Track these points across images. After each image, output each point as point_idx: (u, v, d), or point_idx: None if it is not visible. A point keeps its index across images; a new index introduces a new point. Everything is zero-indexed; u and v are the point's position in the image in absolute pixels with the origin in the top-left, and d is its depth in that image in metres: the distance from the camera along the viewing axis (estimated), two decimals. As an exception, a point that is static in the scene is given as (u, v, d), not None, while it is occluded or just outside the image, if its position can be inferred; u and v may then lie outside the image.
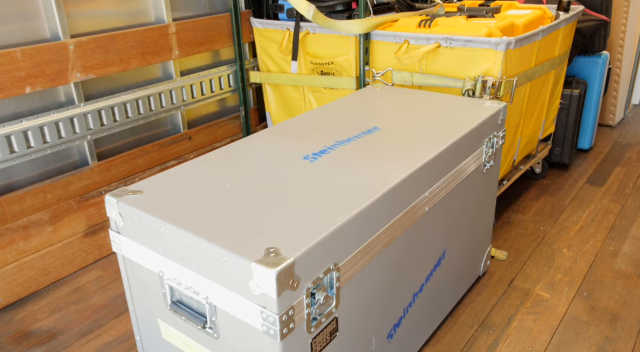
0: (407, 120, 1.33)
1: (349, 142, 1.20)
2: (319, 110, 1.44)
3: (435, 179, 1.15)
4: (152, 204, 0.95)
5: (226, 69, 2.10)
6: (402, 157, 1.11)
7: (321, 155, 1.13)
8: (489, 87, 1.51)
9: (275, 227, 0.86)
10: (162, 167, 1.92)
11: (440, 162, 1.16)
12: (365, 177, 1.03)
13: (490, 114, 1.36)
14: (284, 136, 1.25)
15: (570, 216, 1.96)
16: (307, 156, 1.13)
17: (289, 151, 1.16)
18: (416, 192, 1.09)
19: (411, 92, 1.56)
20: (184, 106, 1.96)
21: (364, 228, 0.93)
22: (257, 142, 1.22)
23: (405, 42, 1.64)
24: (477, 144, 1.33)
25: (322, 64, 1.92)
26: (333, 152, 1.15)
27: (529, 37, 1.57)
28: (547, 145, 2.20)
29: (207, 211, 0.92)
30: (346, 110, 1.43)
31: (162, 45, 1.82)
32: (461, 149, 1.25)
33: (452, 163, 1.22)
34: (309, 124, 1.32)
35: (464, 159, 1.27)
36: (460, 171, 1.26)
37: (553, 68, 1.87)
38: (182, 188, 1.01)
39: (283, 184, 1.01)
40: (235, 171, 1.07)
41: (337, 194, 0.96)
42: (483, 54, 1.52)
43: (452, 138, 1.21)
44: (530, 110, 1.85)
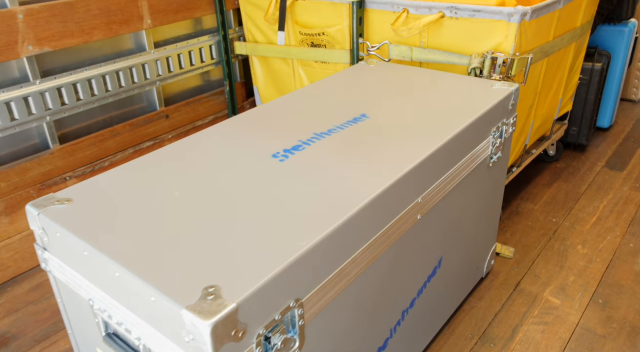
0: (401, 107, 1.14)
1: (329, 135, 1.01)
2: (299, 93, 1.24)
3: (431, 181, 0.97)
4: (78, 219, 0.78)
5: (208, 39, 1.89)
6: (390, 156, 0.93)
7: (293, 153, 0.95)
8: (499, 65, 1.30)
9: (222, 256, 0.69)
10: (135, 149, 1.75)
11: (437, 160, 0.97)
12: (343, 183, 0.85)
13: (500, 99, 1.16)
14: (253, 127, 1.07)
15: (585, 206, 1.77)
16: (277, 154, 0.95)
17: (256, 147, 0.98)
18: (406, 199, 0.91)
19: (408, 70, 1.36)
20: (159, 81, 1.77)
21: (337, 251, 0.76)
22: (220, 136, 1.04)
23: (404, 11, 1.42)
24: (482, 135, 1.13)
25: (312, 35, 1.71)
26: (308, 149, 0.96)
27: (549, 6, 1.35)
28: (562, 125, 1.99)
29: (143, 231, 0.75)
30: (331, 93, 1.23)
31: (131, 14, 1.61)
32: (463, 143, 1.06)
33: (452, 160, 1.03)
34: (286, 111, 1.13)
35: (467, 154, 1.08)
36: (461, 169, 1.07)
37: (574, 40, 1.65)
38: (119, 197, 0.83)
39: (240, 195, 0.83)
40: (185, 175, 0.89)
41: (305, 208, 0.78)
42: (493, 26, 1.30)
43: (453, 130, 1.02)
44: (546, 89, 1.64)
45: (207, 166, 0.92)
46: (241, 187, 0.84)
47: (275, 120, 1.09)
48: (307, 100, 1.19)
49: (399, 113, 1.11)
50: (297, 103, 1.18)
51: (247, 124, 1.08)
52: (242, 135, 1.03)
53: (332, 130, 1.03)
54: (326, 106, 1.15)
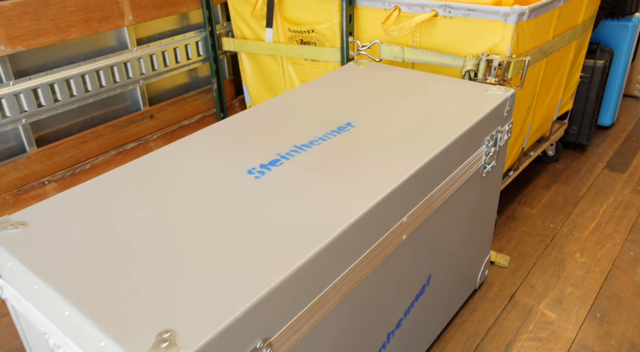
0: (388, 114, 1.07)
1: (309, 148, 0.95)
2: (282, 98, 1.17)
3: (417, 199, 0.91)
4: (31, 248, 0.72)
5: (194, 35, 1.82)
6: (373, 173, 0.86)
7: (270, 169, 0.89)
8: (495, 67, 1.23)
9: (181, 294, 0.63)
10: (118, 151, 1.69)
11: (425, 176, 0.91)
12: (319, 206, 0.78)
13: (494, 106, 1.10)
14: (231, 138, 1.00)
15: (585, 210, 1.71)
16: (253, 169, 0.89)
17: (232, 162, 0.92)
18: (389, 220, 0.84)
19: (399, 73, 1.29)
20: (143, 80, 1.70)
21: (311, 282, 0.70)
22: (194, 148, 0.97)
23: (396, 9, 1.35)
24: (475, 145, 1.07)
25: (301, 32, 1.63)
26: (286, 164, 0.90)
27: (548, 5, 1.28)
28: (562, 124, 1.93)
29: (99, 263, 0.69)
30: (316, 98, 1.17)
31: (111, 10, 1.54)
32: (454, 155, 0.99)
33: (441, 174, 0.96)
34: (266, 120, 1.07)
35: (458, 166, 1.02)
36: (451, 182, 1.01)
37: (575, 38, 1.57)
38: (77, 221, 0.77)
39: (208, 219, 0.77)
40: (152, 195, 0.83)
41: (277, 235, 0.72)
42: (489, 26, 1.23)
43: (443, 142, 0.96)
44: (544, 90, 1.57)
45: (177, 185, 0.86)
46: (210, 211, 0.78)
47: (255, 130, 1.03)
48: (289, 107, 1.13)
49: (385, 122, 1.04)
50: (279, 110, 1.11)
51: (224, 135, 1.02)
52: (217, 148, 0.97)
53: (314, 142, 0.97)
54: (309, 114, 1.09)
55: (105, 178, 0.88)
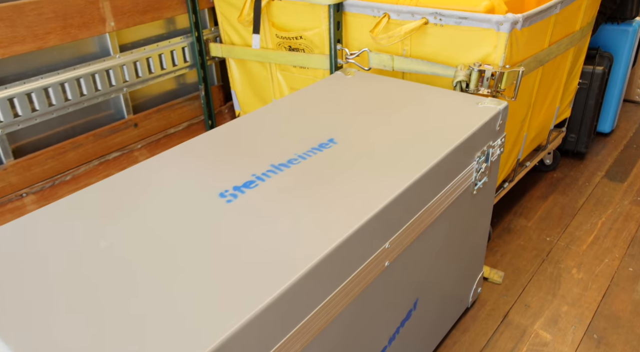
0: (372, 129, 1.02)
1: (287, 168, 0.90)
2: (263, 111, 1.12)
3: (401, 223, 0.85)
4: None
5: (181, 41, 1.76)
6: (352, 196, 0.81)
7: (243, 191, 0.83)
8: (487, 78, 1.18)
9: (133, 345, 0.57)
10: (100, 161, 1.64)
11: (409, 198, 0.85)
12: (292, 235, 0.73)
13: (485, 120, 1.04)
14: (205, 156, 0.95)
15: (583, 223, 1.65)
16: (225, 192, 0.83)
17: (204, 183, 0.86)
18: (369, 247, 0.79)
19: (387, 83, 1.24)
20: (126, 88, 1.64)
21: (281, 320, 0.65)
22: (165, 168, 0.92)
23: (385, 16, 1.29)
24: (464, 162, 1.01)
25: (289, 39, 1.58)
26: (261, 186, 0.85)
27: (543, 12, 1.22)
28: (560, 132, 1.87)
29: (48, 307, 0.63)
30: (299, 110, 1.11)
31: (91, 16, 1.49)
32: (441, 174, 0.94)
33: (428, 196, 0.91)
34: (244, 135, 1.01)
35: (445, 186, 0.96)
36: (439, 203, 0.95)
37: (573, 45, 1.51)
38: (29, 252, 0.72)
39: (172, 251, 0.71)
40: (116, 221, 0.78)
41: (243, 271, 0.67)
42: (481, 35, 1.17)
43: (430, 161, 0.90)
44: (541, 99, 1.51)
45: (142, 210, 0.80)
46: (175, 240, 0.73)
47: (232, 146, 0.97)
48: (270, 121, 1.07)
49: (369, 138, 0.99)
50: (258, 125, 1.06)
51: (199, 152, 0.96)
52: (191, 167, 0.91)
53: (293, 161, 0.92)
54: (290, 128, 1.03)
55: (67, 201, 0.82)
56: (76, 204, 0.82)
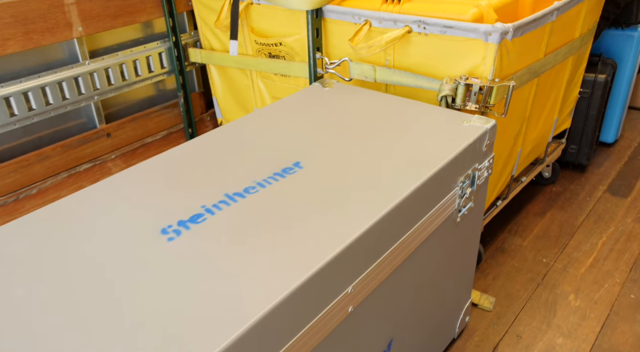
0: (344, 152, 0.92)
1: (242, 198, 0.80)
2: (226, 128, 1.02)
3: (367, 263, 0.76)
4: None
5: (157, 46, 1.67)
6: (311, 234, 0.71)
7: (189, 227, 0.74)
8: (475, 92, 1.08)
9: None
10: (70, 173, 1.55)
11: (378, 234, 0.76)
12: (236, 283, 0.63)
13: (469, 142, 0.94)
14: (155, 181, 0.85)
15: (582, 242, 1.55)
16: (168, 228, 0.74)
17: (147, 216, 0.77)
18: (330, 293, 0.69)
19: (366, 97, 1.14)
20: (97, 96, 1.55)
21: (211, 392, 0.55)
22: (108, 194, 0.82)
23: (366, 23, 1.19)
24: (445, 189, 0.92)
25: (268, 45, 1.48)
26: (210, 220, 0.75)
27: (537, 21, 1.12)
28: (559, 144, 1.76)
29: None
30: (266, 129, 1.01)
31: (56, 21, 1.39)
32: (416, 206, 0.84)
33: (400, 230, 0.81)
34: (201, 158, 0.92)
35: (421, 218, 0.86)
36: (414, 237, 0.85)
37: (572, 53, 1.41)
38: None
39: (94, 305, 0.62)
40: (40, 262, 0.69)
41: (176, 326, 0.57)
42: (468, 46, 1.07)
43: (403, 192, 0.80)
44: (537, 112, 1.41)
45: (72, 248, 0.71)
46: (100, 290, 0.64)
47: (186, 171, 0.88)
48: (232, 140, 0.98)
49: (338, 162, 0.89)
50: (219, 145, 0.96)
51: (149, 177, 0.87)
52: (137, 195, 0.82)
53: (249, 190, 0.82)
54: (254, 150, 0.94)
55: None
56: (9, 235, 0.73)
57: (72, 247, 0.71)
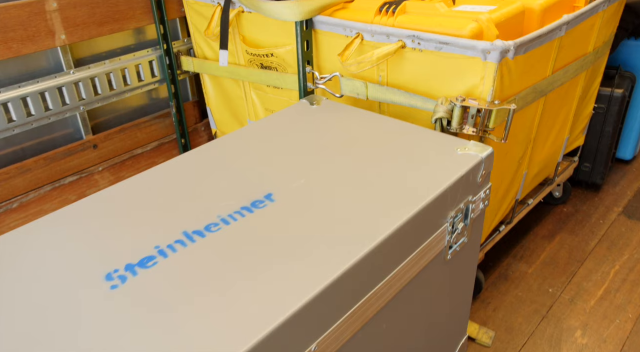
0: (321, 183, 0.83)
1: (202, 237, 0.72)
2: (199, 151, 0.95)
3: (335, 316, 0.67)
4: None
5: (148, 54, 1.60)
6: (275, 281, 0.63)
7: (136, 272, 0.66)
8: (473, 115, 0.98)
9: None
10: (54, 186, 1.49)
11: (349, 284, 0.67)
12: (183, 341, 0.56)
13: (462, 173, 0.85)
14: (104, 217, 0.78)
15: (592, 271, 1.44)
16: (114, 272, 0.66)
17: (92, 258, 0.69)
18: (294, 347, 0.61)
19: (355, 117, 1.05)
20: (83, 106, 1.49)
21: None
22: (51, 232, 0.75)
23: (358, 36, 1.10)
24: (432, 226, 0.83)
25: (259, 56, 1.40)
26: (161, 264, 0.67)
27: (543, 37, 1.02)
28: (571, 162, 1.65)
29: None
30: (242, 153, 0.94)
31: (37, 29, 1.33)
32: (397, 247, 0.75)
33: (376, 276, 0.73)
34: (164, 187, 0.84)
35: (403, 260, 0.78)
36: (392, 282, 0.77)
37: (585, 68, 1.30)
38: None
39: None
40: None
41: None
42: (466, 64, 0.98)
43: (382, 231, 0.72)
44: (544, 132, 1.30)
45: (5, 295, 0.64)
46: (23, 348, 0.56)
47: (145, 202, 0.80)
48: (204, 166, 0.90)
49: (314, 194, 0.81)
50: (187, 171, 0.88)
51: (104, 209, 0.79)
52: (84, 233, 0.75)
53: (211, 227, 0.74)
54: (224, 178, 0.86)
55: None
56: None
57: (3, 294, 0.64)
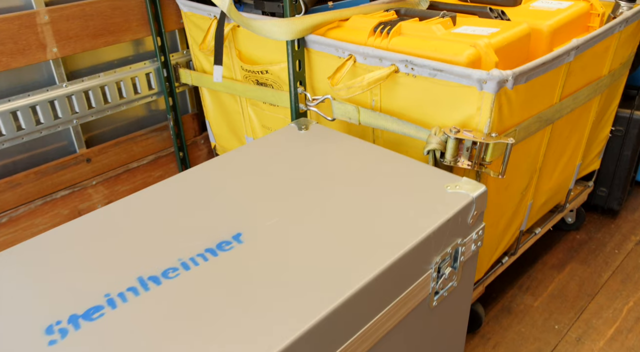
0: (297, 220, 0.77)
1: (157, 285, 0.67)
2: (171, 182, 0.89)
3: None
4: None
5: (145, 66, 1.56)
6: (235, 338, 0.58)
7: (79, 325, 0.61)
8: (468, 148, 0.91)
9: None
10: (45, 200, 1.46)
11: (318, 338, 0.61)
12: None
13: (449, 216, 0.78)
14: (54, 255, 0.73)
15: (604, 307, 1.35)
16: (56, 325, 0.61)
17: (35, 308, 0.65)
18: None
19: (343, 145, 0.99)
20: (76, 120, 1.46)
21: None
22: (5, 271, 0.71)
23: (350, 58, 1.04)
24: (413, 274, 0.76)
25: (254, 72, 1.35)
26: (108, 316, 0.62)
27: (547, 64, 0.94)
28: (585, 188, 1.56)
29: None
30: (217, 184, 0.88)
31: (27, 42, 1.30)
32: (372, 298, 0.69)
33: (350, 328, 0.66)
34: (123, 224, 0.79)
35: (380, 311, 0.71)
36: (367, 335, 0.70)
37: (599, 92, 1.22)
38: None
39: None
40: None
41: None
42: (461, 93, 0.91)
43: (356, 282, 0.66)
44: (552, 161, 1.22)
45: (-62, 345, 0.60)
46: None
47: (99, 243, 0.76)
48: (172, 199, 0.85)
49: (288, 235, 0.75)
50: (154, 205, 0.83)
51: (53, 249, 0.75)
52: (32, 276, 0.70)
53: (169, 273, 0.69)
54: (193, 214, 0.81)
55: None
56: None
57: (-62, 346, 0.60)
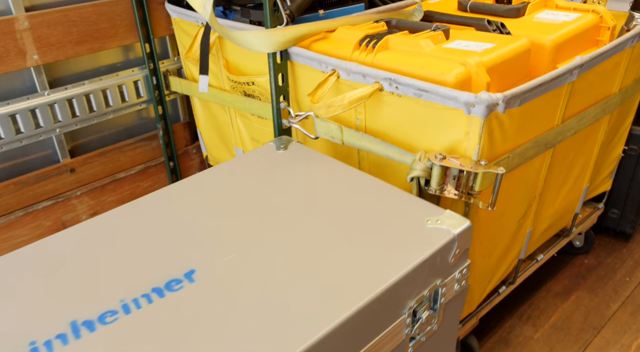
0: (256, 256, 0.70)
1: (90, 332, 0.60)
2: (127, 208, 0.83)
3: None
4: None
5: (134, 73, 1.50)
6: None
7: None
8: (455, 176, 0.83)
9: None
10: (26, 211, 1.41)
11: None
12: None
13: (424, 258, 0.70)
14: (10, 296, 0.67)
15: (611, 342, 1.25)
16: (-33, 379, 0.55)
17: (-47, 353, 0.59)
18: None
19: (320, 168, 0.91)
20: (59, 129, 1.40)
21: None
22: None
23: (334, 73, 0.96)
24: (384, 320, 0.68)
25: (241, 83, 1.28)
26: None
27: (544, 86, 0.85)
28: (595, 210, 1.46)
29: None
30: (175, 214, 0.81)
31: (5, 48, 1.25)
32: (336, 346, 0.61)
33: (295, 393, 0.59)
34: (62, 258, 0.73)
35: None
36: (323, 395, 0.63)
37: (608, 112, 1.12)
38: None
39: None
40: None
41: None
42: (448, 116, 0.82)
43: (310, 336, 0.58)
44: (554, 186, 1.13)
45: None
46: None
47: (35, 280, 0.69)
48: (126, 227, 0.78)
49: (245, 274, 0.67)
50: (105, 234, 0.77)
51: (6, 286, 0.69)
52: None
53: (107, 316, 0.62)
54: (145, 246, 0.74)
55: None
56: None
57: None
